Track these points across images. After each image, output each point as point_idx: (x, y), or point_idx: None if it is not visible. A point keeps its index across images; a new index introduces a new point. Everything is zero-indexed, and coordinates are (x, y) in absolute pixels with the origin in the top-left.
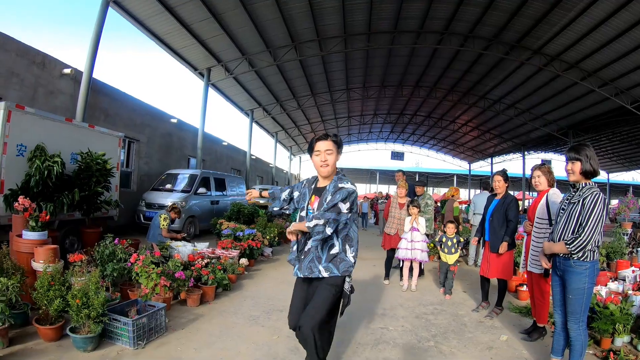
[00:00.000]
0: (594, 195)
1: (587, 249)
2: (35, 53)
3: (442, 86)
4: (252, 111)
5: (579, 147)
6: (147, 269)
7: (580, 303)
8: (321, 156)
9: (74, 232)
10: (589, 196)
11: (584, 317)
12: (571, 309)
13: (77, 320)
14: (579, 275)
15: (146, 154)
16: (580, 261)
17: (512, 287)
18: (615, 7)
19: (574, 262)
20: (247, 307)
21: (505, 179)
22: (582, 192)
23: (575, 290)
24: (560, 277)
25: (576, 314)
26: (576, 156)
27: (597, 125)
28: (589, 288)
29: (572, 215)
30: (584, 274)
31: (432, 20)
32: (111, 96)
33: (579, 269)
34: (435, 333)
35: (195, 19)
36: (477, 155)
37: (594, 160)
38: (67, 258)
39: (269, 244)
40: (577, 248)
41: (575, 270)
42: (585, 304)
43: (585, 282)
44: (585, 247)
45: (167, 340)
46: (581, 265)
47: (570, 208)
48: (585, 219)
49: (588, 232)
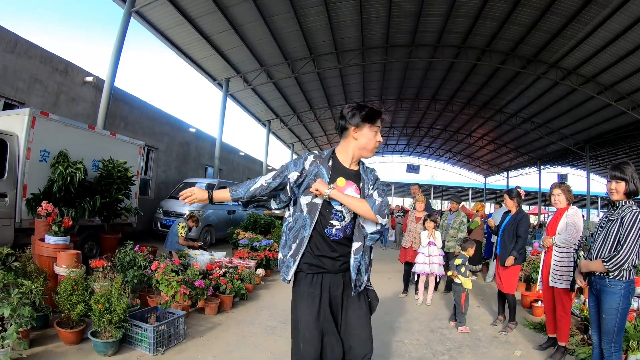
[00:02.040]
0: (634, 214)
1: (624, 267)
2: (59, 60)
3: (458, 100)
4: (269, 122)
5: (623, 166)
6: (167, 276)
7: (614, 323)
8: (379, 136)
9: (93, 237)
10: (629, 214)
11: (617, 337)
12: (605, 329)
13: (99, 325)
14: (613, 295)
15: (164, 162)
16: (615, 280)
17: (527, 303)
18: (632, 21)
19: (610, 282)
20: (263, 317)
21: (510, 197)
22: (621, 210)
23: (609, 310)
24: (596, 296)
25: (609, 334)
26: (622, 176)
27: (613, 139)
28: (624, 309)
29: (610, 233)
30: (619, 294)
31: (449, 34)
32: (131, 104)
33: (614, 289)
34: (450, 347)
35: (215, 30)
36: (492, 169)
37: (637, 180)
38: (89, 263)
39: None
40: (614, 266)
41: (610, 290)
42: (619, 324)
43: (620, 302)
44: (622, 266)
45: (186, 348)
46: (616, 285)
47: (608, 226)
48: (624, 237)
49: (626, 250)
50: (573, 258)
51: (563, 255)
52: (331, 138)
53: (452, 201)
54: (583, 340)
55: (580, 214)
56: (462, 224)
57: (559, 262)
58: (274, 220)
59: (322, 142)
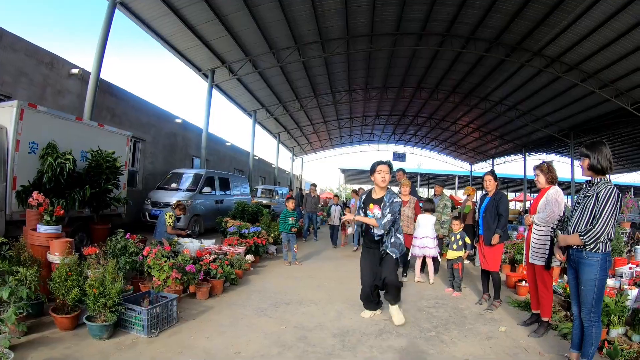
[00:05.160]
0: (608, 189)
1: (600, 240)
2: (44, 53)
3: (443, 88)
4: (255, 112)
5: (590, 144)
6: (159, 261)
7: (592, 294)
8: (381, 175)
9: (84, 228)
10: (604, 190)
11: (596, 308)
12: (583, 299)
13: (94, 309)
14: (591, 267)
15: (151, 153)
16: (592, 253)
17: (512, 283)
18: (615, 9)
19: (587, 254)
20: (254, 300)
21: (494, 178)
22: (596, 187)
23: (587, 282)
24: (574, 269)
25: (588, 305)
26: (585, 152)
27: (597, 126)
28: (601, 280)
29: (586, 208)
30: (596, 266)
31: (434, 23)
32: (117, 96)
33: (591, 261)
34: (437, 324)
35: (200, 20)
36: (478, 157)
37: (603, 157)
38: (82, 251)
39: (273, 241)
40: (590, 239)
41: (587, 262)
42: (597, 295)
43: (597, 274)
44: (598, 239)
45: (179, 330)
46: (593, 257)
47: (584, 202)
48: (600, 211)
49: (602, 223)
50: (550, 236)
51: (541, 234)
52: (317, 127)
53: (437, 185)
54: (566, 316)
55: (561, 194)
56: (446, 207)
57: (537, 240)
58: (262, 209)
59: (308, 131)
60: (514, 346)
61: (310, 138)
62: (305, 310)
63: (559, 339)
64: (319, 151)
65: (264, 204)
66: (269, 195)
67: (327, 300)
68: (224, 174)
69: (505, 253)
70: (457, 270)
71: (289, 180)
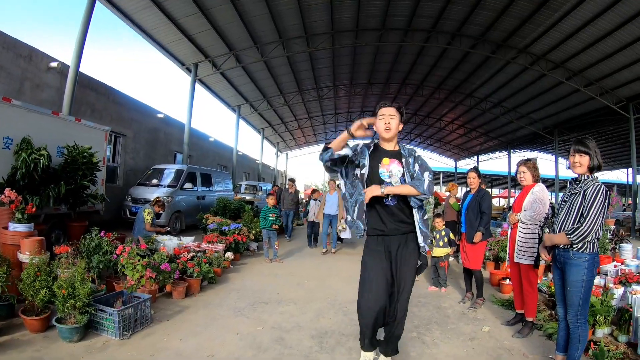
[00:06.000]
0: (596, 187)
1: (588, 239)
2: (22, 46)
3: (428, 84)
4: (239, 107)
5: (587, 140)
6: (132, 260)
7: (579, 295)
8: (385, 119)
9: (60, 225)
10: (591, 187)
11: (582, 310)
12: (569, 301)
13: (63, 310)
14: (577, 267)
15: (132, 149)
16: (579, 253)
17: (495, 281)
18: (602, 8)
19: (574, 254)
20: (232, 300)
21: (478, 175)
22: (584, 184)
23: (574, 283)
24: (560, 269)
25: (574, 307)
26: (586, 150)
27: (582, 124)
28: (588, 281)
29: (573, 207)
30: (583, 266)
31: (419, 18)
32: (98, 90)
33: (578, 261)
34: (418, 324)
35: (182, 13)
36: (463, 153)
37: (599, 155)
38: (53, 250)
39: (254, 238)
40: (577, 238)
41: (574, 262)
42: (584, 297)
43: (584, 275)
44: (585, 238)
45: (153, 331)
46: (580, 257)
47: (571, 199)
48: (587, 210)
49: (589, 222)
50: (538, 235)
51: (528, 232)
52: (302, 123)
53: None
54: (551, 315)
55: (547, 191)
56: (429, 204)
57: (523, 239)
58: (244, 205)
59: (293, 127)
60: (498, 347)
61: (294, 134)
62: (283, 309)
63: (543, 340)
64: (304, 147)
65: (247, 200)
66: (252, 191)
67: (306, 300)
68: (206, 170)
69: (489, 250)
70: (443, 269)
71: (273, 176)
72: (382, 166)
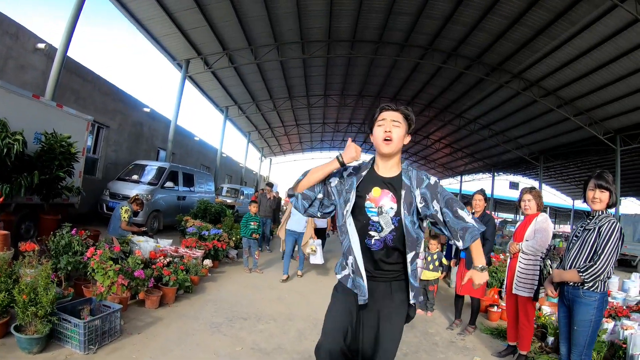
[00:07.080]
0: (612, 224)
1: (600, 278)
2: (10, 23)
3: (419, 101)
4: (227, 108)
5: (607, 175)
6: (104, 265)
7: (585, 336)
8: (385, 126)
9: (31, 217)
10: (606, 224)
11: (587, 350)
12: (575, 341)
13: (23, 318)
14: (587, 307)
15: (115, 141)
16: (589, 291)
17: (483, 307)
18: (599, 39)
19: (584, 292)
20: (209, 313)
21: (485, 199)
22: (598, 220)
23: (581, 322)
24: (567, 307)
25: (580, 347)
26: (607, 186)
27: (567, 152)
28: (597, 321)
29: (586, 243)
30: (593, 306)
31: (417, 35)
32: (84, 77)
33: (588, 300)
34: (407, 351)
35: (179, 7)
36: (447, 172)
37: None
38: (19, 247)
39: (234, 245)
40: (591, 276)
41: (583, 301)
42: (591, 337)
43: (593, 315)
44: (599, 277)
45: (121, 345)
46: (590, 296)
47: (584, 235)
48: (602, 247)
49: (604, 260)
50: (539, 266)
51: (529, 263)
52: (288, 130)
53: None
54: (541, 347)
55: (550, 222)
56: None
57: (524, 270)
58: (225, 209)
59: (279, 132)
60: None
61: (280, 140)
62: (263, 327)
63: None
64: (289, 154)
65: (229, 204)
66: (234, 195)
67: (287, 317)
68: (188, 170)
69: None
70: (432, 293)
71: (256, 181)
72: (370, 199)
